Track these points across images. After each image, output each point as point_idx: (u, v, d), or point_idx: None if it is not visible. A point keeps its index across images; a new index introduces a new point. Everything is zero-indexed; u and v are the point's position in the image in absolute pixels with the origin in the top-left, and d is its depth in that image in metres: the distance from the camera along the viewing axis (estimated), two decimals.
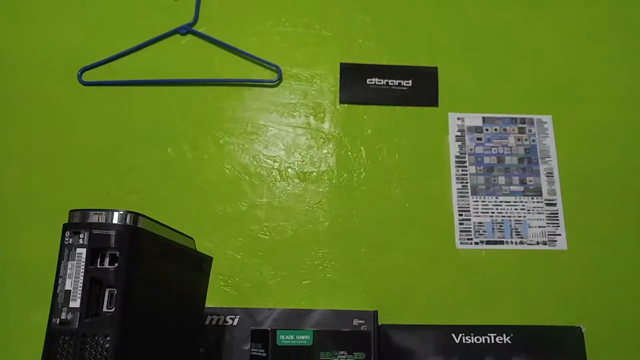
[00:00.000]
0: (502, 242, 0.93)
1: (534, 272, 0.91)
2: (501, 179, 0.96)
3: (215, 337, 0.77)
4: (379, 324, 0.80)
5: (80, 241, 0.48)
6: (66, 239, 0.48)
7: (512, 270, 0.91)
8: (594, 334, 0.84)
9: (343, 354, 0.48)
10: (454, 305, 0.89)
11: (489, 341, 0.79)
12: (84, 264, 0.47)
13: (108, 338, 0.45)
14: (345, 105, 1.00)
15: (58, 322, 0.46)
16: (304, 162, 0.97)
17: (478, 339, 0.79)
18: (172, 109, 0.98)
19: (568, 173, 0.96)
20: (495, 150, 0.98)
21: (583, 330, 0.80)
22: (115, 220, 0.49)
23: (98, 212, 0.49)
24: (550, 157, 0.97)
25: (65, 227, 0.48)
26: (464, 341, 0.79)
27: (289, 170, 0.96)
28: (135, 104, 0.98)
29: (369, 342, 0.50)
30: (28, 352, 0.84)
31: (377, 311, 0.80)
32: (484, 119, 1.00)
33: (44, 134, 0.95)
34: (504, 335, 0.79)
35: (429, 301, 0.89)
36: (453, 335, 0.79)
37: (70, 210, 0.50)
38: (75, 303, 0.46)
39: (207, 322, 0.77)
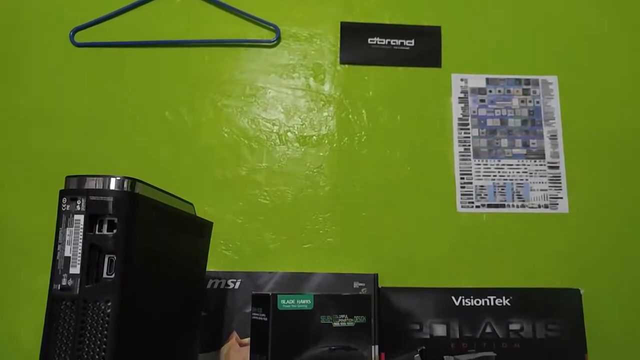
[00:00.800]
0: (503, 206, 0.92)
1: (535, 235, 0.91)
2: (504, 142, 0.95)
3: (217, 300, 0.78)
4: (379, 287, 0.81)
5: (78, 208, 0.47)
6: (63, 206, 0.48)
7: (513, 233, 0.91)
8: (592, 296, 0.85)
9: (344, 318, 0.49)
10: (454, 268, 0.89)
11: (488, 304, 0.79)
12: (82, 230, 0.47)
13: (109, 303, 0.45)
14: (346, 66, 0.97)
15: (59, 288, 0.46)
16: (304, 126, 0.95)
17: (477, 302, 0.79)
18: (168, 70, 0.95)
19: (572, 136, 0.95)
20: (498, 113, 0.96)
21: (581, 292, 0.81)
22: (112, 187, 0.48)
23: (95, 177, 0.48)
24: (554, 120, 0.96)
25: (62, 194, 0.48)
26: (463, 304, 0.79)
27: (289, 134, 0.95)
28: (129, 66, 0.95)
29: (370, 305, 0.51)
30: (32, 317, 0.85)
31: (377, 274, 0.81)
32: (487, 80, 0.97)
33: (36, 97, 0.93)
34: (504, 297, 0.80)
35: (429, 264, 0.90)
36: (453, 297, 0.80)
37: (67, 177, 0.49)
38: (75, 269, 0.46)
39: (208, 286, 0.78)
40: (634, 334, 0.87)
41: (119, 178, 0.48)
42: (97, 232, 0.47)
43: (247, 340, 0.72)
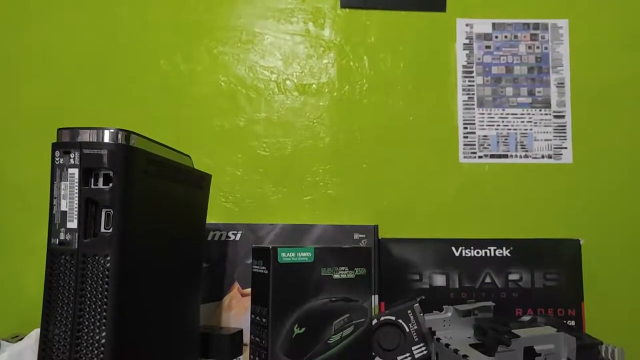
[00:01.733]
0: (506, 156, 0.91)
1: (537, 186, 0.90)
2: (509, 90, 0.92)
3: (218, 252, 0.78)
4: (380, 238, 0.81)
5: (72, 161, 0.46)
6: (57, 159, 0.46)
7: (515, 184, 0.90)
8: (591, 246, 0.85)
9: (344, 270, 0.48)
10: (455, 219, 0.89)
11: (488, 254, 0.80)
12: (77, 184, 0.46)
13: (108, 258, 0.44)
14: (347, 10, 0.93)
15: (57, 242, 0.45)
16: (303, 74, 0.92)
17: (478, 252, 0.80)
18: (162, 17, 0.91)
19: (580, 84, 0.92)
20: (504, 60, 0.93)
21: (581, 242, 0.81)
22: (106, 139, 0.46)
23: (88, 130, 0.47)
24: (562, 67, 0.92)
25: (55, 147, 0.46)
26: (463, 254, 0.80)
27: (287, 82, 0.92)
28: (122, 14, 0.91)
29: (370, 258, 0.50)
30: (36, 270, 0.86)
31: (377, 226, 0.81)
32: (494, 25, 0.93)
33: (26, 48, 0.89)
34: (504, 248, 0.80)
35: (430, 216, 0.89)
36: (453, 248, 0.80)
37: (58, 129, 0.47)
38: (72, 224, 0.45)
39: (209, 238, 0.78)
40: (629, 283, 0.88)
41: (112, 130, 0.46)
42: (92, 186, 0.46)
43: (249, 290, 0.73)
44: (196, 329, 0.61)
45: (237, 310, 0.77)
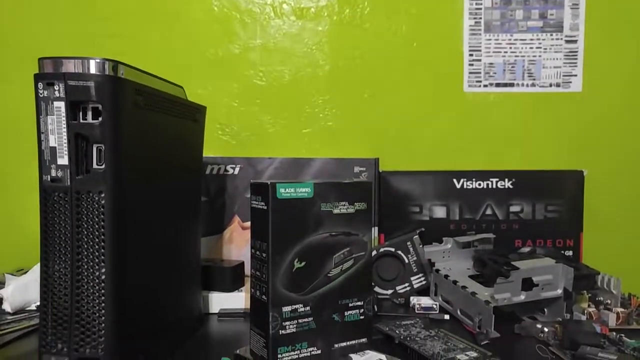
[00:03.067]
0: (512, 85, 0.88)
1: (543, 116, 0.88)
2: (519, 13, 0.87)
3: (217, 186, 0.77)
4: (380, 171, 0.79)
5: (57, 93, 0.43)
6: (40, 92, 0.44)
7: (521, 114, 0.88)
8: (594, 177, 0.84)
9: (344, 205, 0.48)
10: (458, 151, 0.88)
11: (490, 186, 0.79)
12: (64, 118, 0.43)
13: (103, 195, 0.43)
14: None
15: (49, 179, 0.44)
16: None
17: (479, 184, 0.79)
18: None
19: (597, 5, 0.86)
20: None
21: (585, 174, 0.80)
22: (92, 70, 0.43)
23: (72, 60, 0.44)
24: None
25: (37, 78, 0.44)
26: (465, 186, 0.79)
27: (284, 5, 0.86)
28: None
29: (370, 192, 0.49)
30: (33, 206, 0.86)
31: (378, 159, 0.79)
32: None
33: None
34: (506, 180, 0.79)
35: (432, 147, 0.88)
36: (454, 180, 0.79)
37: (40, 59, 0.44)
38: (63, 160, 0.44)
39: (207, 172, 0.77)
40: (629, 215, 0.88)
41: (99, 60, 0.43)
42: (81, 121, 0.44)
43: (249, 224, 0.73)
44: (197, 261, 0.61)
45: (238, 243, 0.77)
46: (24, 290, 0.66)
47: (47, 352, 0.43)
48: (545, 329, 0.56)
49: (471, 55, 0.88)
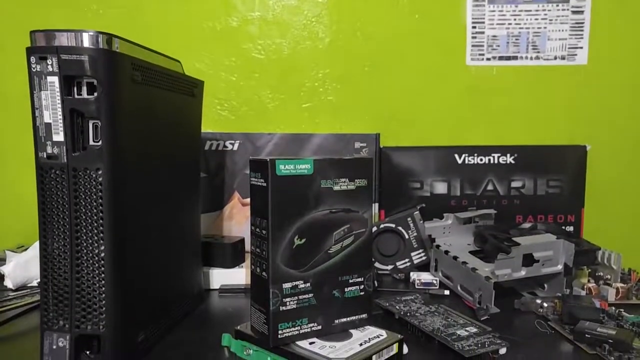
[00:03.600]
0: (516, 58, 0.86)
1: (547, 90, 0.86)
2: None
3: (217, 162, 0.77)
4: (381, 147, 0.79)
5: (50, 68, 0.42)
6: (33, 66, 0.43)
7: (524, 88, 0.86)
8: (597, 152, 0.84)
9: (344, 182, 0.47)
10: (460, 126, 0.87)
11: (492, 161, 0.78)
12: (59, 94, 0.42)
13: (100, 172, 0.43)
14: None
15: (45, 156, 0.43)
16: None
17: (481, 159, 0.78)
18: None
19: None
20: None
21: (588, 149, 0.79)
22: (86, 43, 0.42)
23: (65, 33, 0.42)
24: None
25: (30, 52, 0.43)
26: (466, 161, 0.78)
27: None
28: None
29: (371, 169, 0.49)
30: (32, 182, 0.85)
31: (379, 134, 0.78)
32: None
33: None
34: (508, 155, 0.78)
35: (434, 122, 0.87)
36: (456, 155, 0.78)
37: (31, 31, 0.43)
38: (58, 137, 0.43)
39: (206, 148, 0.76)
40: (631, 190, 0.88)
41: (92, 33, 0.42)
42: (76, 96, 0.43)
43: (249, 200, 0.72)
44: (197, 238, 0.61)
45: (238, 219, 0.77)
46: (25, 266, 0.66)
47: (48, 329, 0.43)
48: (545, 305, 0.57)
49: (474, 27, 0.86)
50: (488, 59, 0.86)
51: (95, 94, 0.42)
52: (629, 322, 0.52)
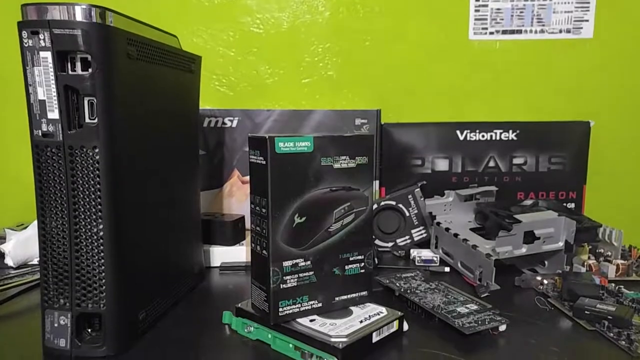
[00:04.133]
0: (520, 32, 0.84)
1: (552, 64, 0.85)
2: None
3: (216, 139, 0.76)
4: (382, 123, 0.78)
5: (42, 43, 0.41)
6: (25, 41, 0.41)
7: (528, 63, 0.85)
8: (601, 128, 0.83)
9: (345, 159, 0.46)
10: (462, 102, 0.85)
11: (494, 138, 0.77)
12: (52, 70, 0.41)
13: (97, 150, 0.42)
14: None
15: (40, 134, 0.42)
16: None
17: (483, 136, 0.77)
18: None
19: None
20: None
21: (591, 125, 0.78)
22: (78, 17, 0.41)
23: (56, 6, 0.41)
24: None
25: (21, 26, 0.41)
26: (468, 138, 0.77)
27: None
28: None
29: (372, 146, 0.48)
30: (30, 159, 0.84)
31: (379, 110, 0.77)
32: None
33: None
34: (510, 131, 0.77)
35: (435, 98, 0.85)
36: (457, 132, 0.78)
37: (22, 5, 0.42)
38: (53, 114, 0.42)
39: (205, 125, 0.75)
40: (634, 166, 0.87)
41: (84, 6, 0.41)
42: (70, 72, 0.42)
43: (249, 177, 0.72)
44: (197, 215, 0.61)
45: (238, 197, 0.77)
46: (26, 244, 0.66)
47: (49, 307, 0.43)
48: (545, 281, 0.57)
49: (477, 0, 0.83)
50: (491, 33, 0.84)
51: (90, 70, 0.41)
52: (629, 298, 0.53)
